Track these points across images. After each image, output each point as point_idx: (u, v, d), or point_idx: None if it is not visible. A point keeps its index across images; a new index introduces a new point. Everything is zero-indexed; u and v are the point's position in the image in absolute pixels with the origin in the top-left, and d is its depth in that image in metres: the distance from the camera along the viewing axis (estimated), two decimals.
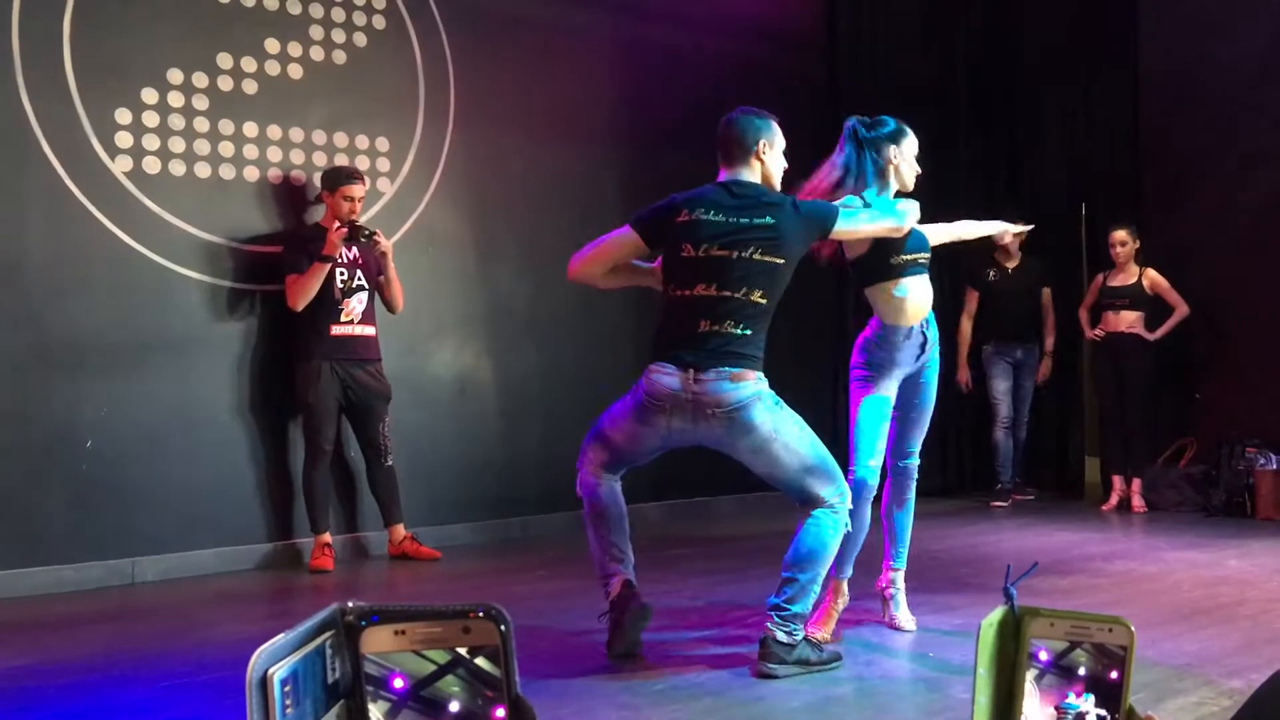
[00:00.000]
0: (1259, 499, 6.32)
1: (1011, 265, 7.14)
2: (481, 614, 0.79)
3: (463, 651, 0.79)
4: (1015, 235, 5.16)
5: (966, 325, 7.26)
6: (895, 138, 3.73)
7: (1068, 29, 7.63)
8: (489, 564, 5.45)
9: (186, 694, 3.25)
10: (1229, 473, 6.46)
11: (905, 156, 3.74)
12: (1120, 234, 6.73)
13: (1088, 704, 0.98)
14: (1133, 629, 0.98)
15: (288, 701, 0.75)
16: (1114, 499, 6.84)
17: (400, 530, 5.47)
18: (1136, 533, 6.11)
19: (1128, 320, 6.75)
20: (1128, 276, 6.78)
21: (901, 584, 3.91)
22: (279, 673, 0.74)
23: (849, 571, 3.77)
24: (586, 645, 3.63)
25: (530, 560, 5.45)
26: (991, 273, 7.18)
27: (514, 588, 4.77)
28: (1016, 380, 7.17)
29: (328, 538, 5.28)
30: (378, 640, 0.79)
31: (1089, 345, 7.13)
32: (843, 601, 3.79)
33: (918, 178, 3.82)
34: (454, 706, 0.79)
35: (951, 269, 7.85)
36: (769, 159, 3.50)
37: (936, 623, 3.92)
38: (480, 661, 0.79)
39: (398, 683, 0.79)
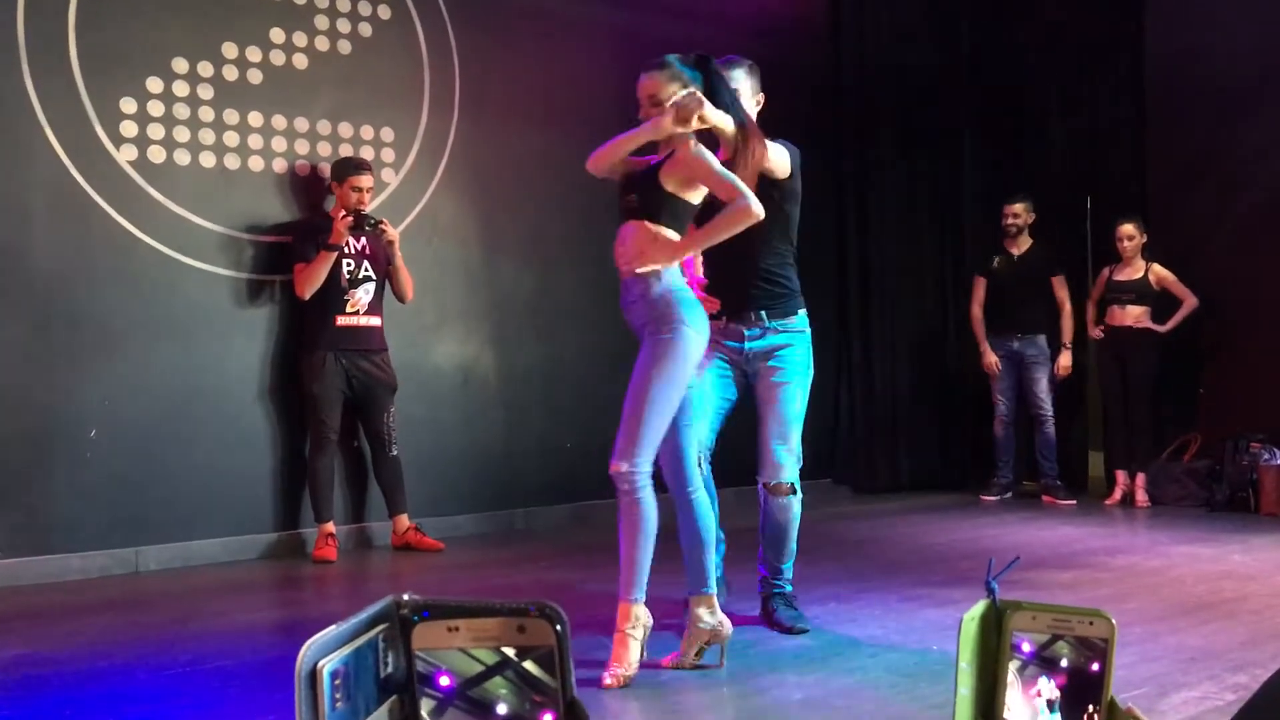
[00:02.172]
0: (1263, 494, 6.31)
1: (1018, 252, 7.04)
2: (536, 612, 0.78)
3: (510, 653, 0.78)
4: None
5: (978, 312, 7.16)
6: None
7: (1072, 21, 7.59)
8: (492, 555, 5.46)
9: (190, 682, 3.26)
10: (1233, 468, 6.45)
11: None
12: (1127, 227, 6.71)
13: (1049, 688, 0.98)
14: (1114, 622, 0.98)
15: (337, 695, 0.73)
16: (1117, 494, 6.83)
17: (404, 521, 5.47)
18: (1140, 527, 6.11)
19: (1134, 315, 6.73)
20: (1134, 271, 6.76)
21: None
22: (329, 665, 0.73)
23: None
24: (588, 636, 3.64)
25: (533, 551, 5.46)
26: (996, 259, 7.10)
27: (516, 579, 4.77)
28: (1024, 374, 7.07)
29: (331, 528, 5.29)
30: (430, 636, 0.78)
31: (1094, 339, 7.10)
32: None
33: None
34: (501, 709, 0.78)
35: (956, 257, 7.84)
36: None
37: (940, 616, 3.91)
38: (529, 665, 0.78)
39: (444, 680, 0.78)
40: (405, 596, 0.79)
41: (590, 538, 5.70)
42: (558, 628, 0.78)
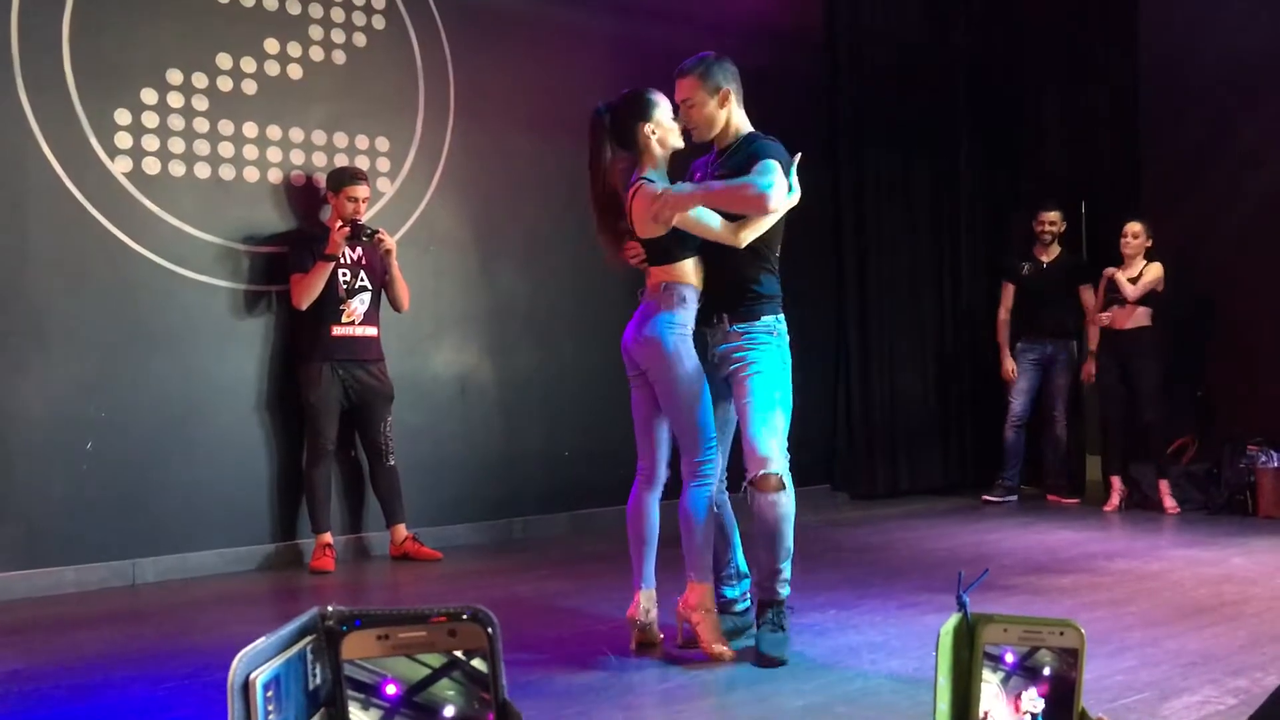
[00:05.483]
0: (1261, 497, 6.30)
1: (1047, 260, 7.09)
2: (467, 617, 0.76)
3: (459, 654, 0.76)
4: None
5: (1004, 317, 7.23)
6: (645, 112, 3.82)
7: (1068, 24, 7.61)
8: (490, 564, 5.44)
9: (187, 696, 3.24)
10: (1231, 470, 6.44)
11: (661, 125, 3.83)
12: (1135, 226, 6.67)
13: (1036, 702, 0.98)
14: (1083, 631, 0.97)
15: (270, 707, 0.72)
16: (1114, 499, 6.81)
17: (402, 530, 5.46)
18: (1139, 531, 6.09)
19: (1135, 315, 6.71)
20: (1136, 271, 6.73)
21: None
22: (261, 677, 0.72)
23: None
24: (591, 645, 3.62)
25: (532, 560, 5.44)
26: (1026, 266, 7.15)
27: (516, 588, 4.76)
28: (1047, 377, 7.10)
29: (329, 538, 5.28)
30: (360, 645, 0.76)
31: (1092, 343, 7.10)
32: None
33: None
34: (449, 711, 0.76)
35: (954, 260, 7.84)
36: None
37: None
38: (476, 663, 0.76)
39: (390, 689, 0.76)
40: (330, 608, 0.78)
41: (589, 546, 5.70)
42: (489, 630, 0.76)
